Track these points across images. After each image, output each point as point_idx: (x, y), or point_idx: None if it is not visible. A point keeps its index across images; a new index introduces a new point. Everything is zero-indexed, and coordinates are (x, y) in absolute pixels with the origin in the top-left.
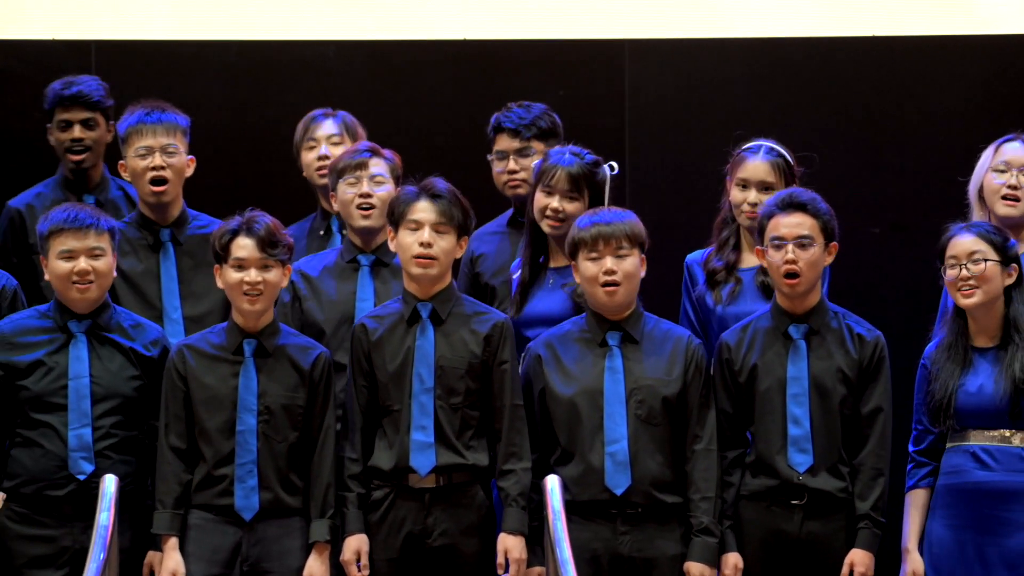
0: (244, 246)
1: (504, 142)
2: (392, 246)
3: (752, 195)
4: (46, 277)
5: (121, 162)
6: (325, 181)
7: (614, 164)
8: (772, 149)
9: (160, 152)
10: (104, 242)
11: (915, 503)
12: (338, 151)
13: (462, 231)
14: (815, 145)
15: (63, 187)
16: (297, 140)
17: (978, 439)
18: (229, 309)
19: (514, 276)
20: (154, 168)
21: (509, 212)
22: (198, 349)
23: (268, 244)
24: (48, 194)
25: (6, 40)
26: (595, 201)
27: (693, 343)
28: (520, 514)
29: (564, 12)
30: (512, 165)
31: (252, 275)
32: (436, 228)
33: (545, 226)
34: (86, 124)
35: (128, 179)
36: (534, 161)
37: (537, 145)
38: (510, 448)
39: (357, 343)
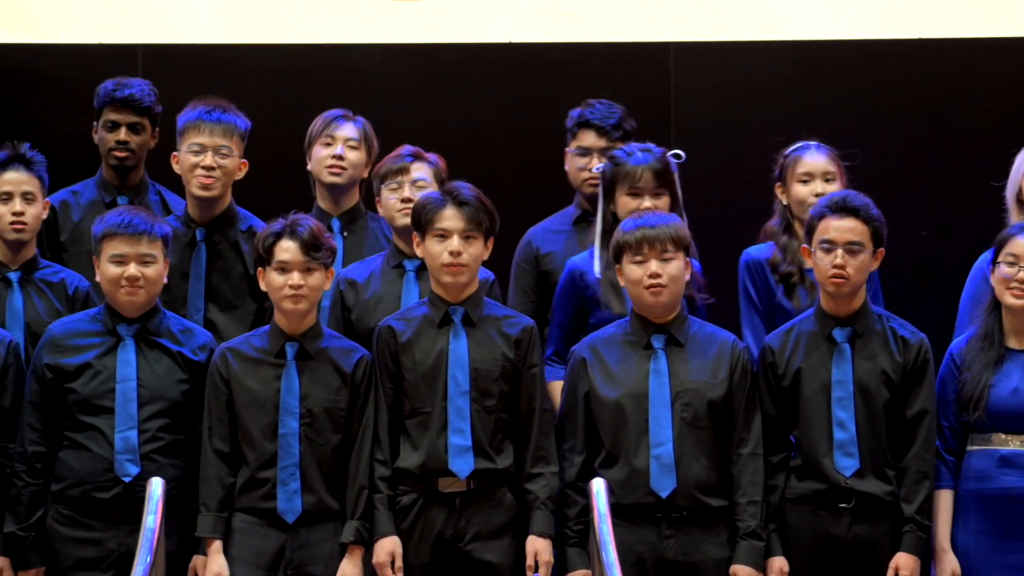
0: (287, 249)
1: (589, 139)
2: (419, 252)
3: (818, 186)
4: (97, 278)
5: (174, 153)
6: (333, 179)
7: (680, 152)
8: (821, 145)
9: (213, 152)
10: (156, 249)
11: (943, 503)
12: (352, 155)
13: (489, 235)
14: (860, 147)
15: (100, 187)
16: (312, 133)
17: (1008, 443)
18: (256, 313)
19: (595, 276)
20: (204, 167)
21: (571, 209)
22: (240, 352)
23: (311, 247)
24: (84, 192)
25: (54, 44)
26: (674, 194)
27: (738, 346)
28: (548, 517)
29: (609, 15)
30: (595, 163)
31: (295, 278)
32: (465, 235)
33: None
34: (133, 128)
35: (178, 171)
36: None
37: (619, 146)
38: (538, 452)
39: (384, 344)
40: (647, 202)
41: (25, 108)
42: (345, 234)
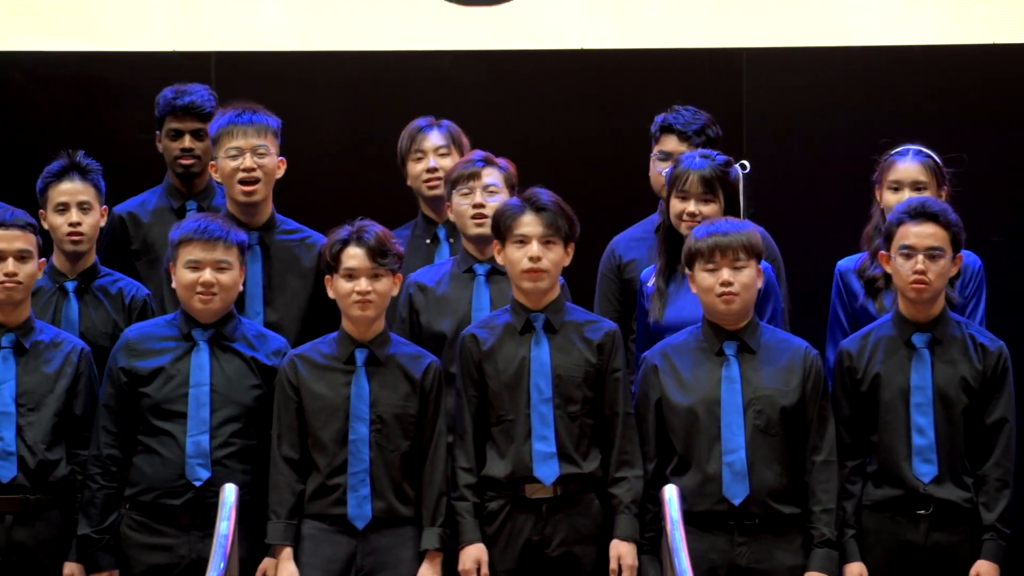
0: (354, 255)
1: (671, 143)
2: (499, 259)
3: (906, 195)
4: (173, 284)
5: (212, 163)
6: (433, 192)
7: (745, 163)
8: (920, 151)
9: (251, 153)
10: (232, 255)
11: None
12: (446, 162)
13: (568, 240)
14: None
15: (168, 194)
16: (403, 150)
17: None
18: (311, 317)
19: (648, 283)
20: (244, 169)
21: (654, 217)
22: (309, 359)
23: (378, 253)
24: (153, 201)
25: (127, 52)
26: (730, 202)
27: (811, 354)
28: (632, 521)
29: (681, 21)
30: None
31: (362, 284)
32: (543, 241)
33: (684, 230)
34: (196, 135)
35: (219, 180)
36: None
37: None
38: (623, 456)
39: (467, 353)
40: (692, 207)
41: (100, 117)
42: (451, 240)
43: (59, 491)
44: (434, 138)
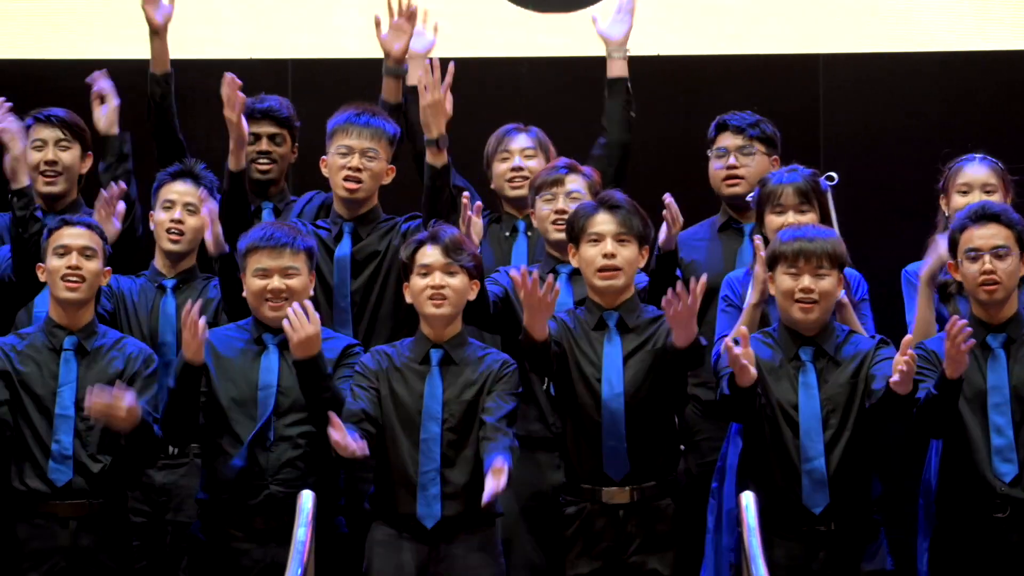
0: (429, 253)
1: (726, 139)
2: (574, 261)
3: (976, 198)
4: (244, 292)
5: (323, 157)
6: (516, 193)
7: (832, 175)
8: (986, 157)
9: (360, 154)
10: (299, 262)
11: None
12: (531, 164)
13: (643, 241)
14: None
15: None
16: (489, 152)
17: None
18: (391, 317)
19: (748, 299)
20: (350, 168)
21: (715, 219)
22: (388, 355)
23: (453, 250)
24: None
25: (205, 60)
26: (823, 212)
27: (877, 340)
28: None
29: (758, 28)
30: (732, 160)
31: (436, 279)
32: (617, 239)
33: None
34: (273, 139)
35: (326, 174)
36: (754, 159)
37: (759, 147)
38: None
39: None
40: (790, 218)
41: (179, 123)
42: (529, 234)
43: (118, 495)
44: (521, 140)
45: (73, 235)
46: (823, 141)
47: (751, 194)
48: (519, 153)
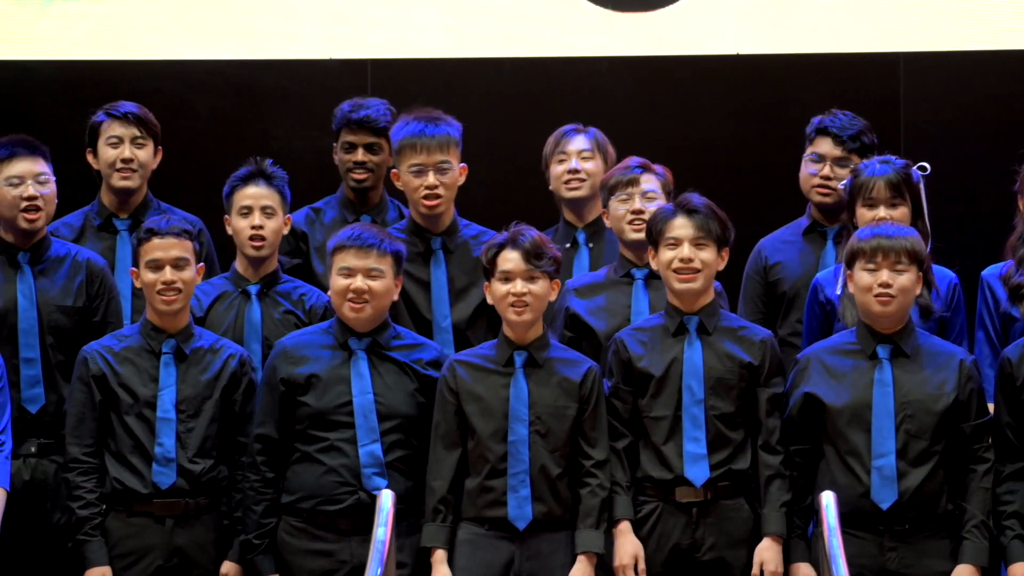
0: (510, 259)
1: (825, 146)
2: (654, 264)
3: None
4: (329, 292)
5: (394, 170)
6: (572, 195)
7: (925, 165)
8: None
9: (433, 170)
10: (385, 264)
11: None
12: (588, 166)
13: (722, 244)
14: None
15: (342, 205)
16: (547, 153)
17: None
18: (493, 316)
19: (835, 293)
20: (427, 187)
21: (802, 220)
22: (469, 362)
23: (533, 256)
24: (326, 210)
25: (283, 60)
26: (915, 205)
27: (967, 361)
28: (780, 518)
29: (837, 26)
30: (827, 171)
31: (518, 286)
32: (695, 243)
33: None
34: (370, 148)
35: (401, 187)
36: (849, 172)
37: (855, 159)
38: (771, 458)
39: (619, 355)
40: (882, 212)
41: (257, 124)
42: (591, 245)
43: (216, 495)
44: (578, 142)
45: (164, 247)
46: (903, 141)
47: (842, 183)
48: (576, 155)
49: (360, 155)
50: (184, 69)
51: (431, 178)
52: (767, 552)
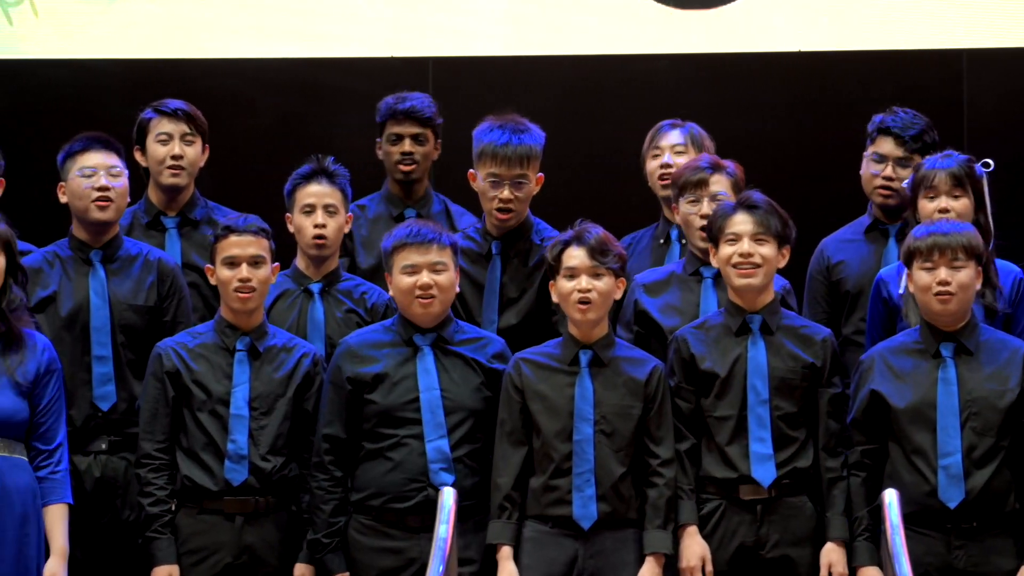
0: (575, 255)
1: (887, 146)
2: (715, 262)
3: None
4: (390, 292)
5: (471, 171)
6: (665, 192)
7: (988, 161)
8: None
9: (510, 184)
10: (446, 256)
11: None
12: (680, 160)
13: (783, 241)
14: None
15: (386, 201)
16: (644, 149)
17: None
18: (541, 322)
19: (897, 291)
20: (503, 200)
21: (864, 219)
22: (534, 361)
23: (599, 252)
24: (370, 206)
25: (344, 58)
26: (977, 199)
27: None
28: (842, 521)
29: (899, 22)
30: (889, 171)
31: (583, 283)
32: (755, 238)
33: None
34: (416, 139)
35: (476, 189)
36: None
37: (917, 159)
38: (834, 460)
39: (679, 354)
40: (943, 203)
41: (318, 122)
42: (683, 242)
43: (286, 493)
44: (672, 136)
45: (241, 244)
46: (967, 139)
47: (905, 181)
48: (669, 150)
49: (407, 146)
50: (245, 67)
51: (506, 192)
52: (834, 554)
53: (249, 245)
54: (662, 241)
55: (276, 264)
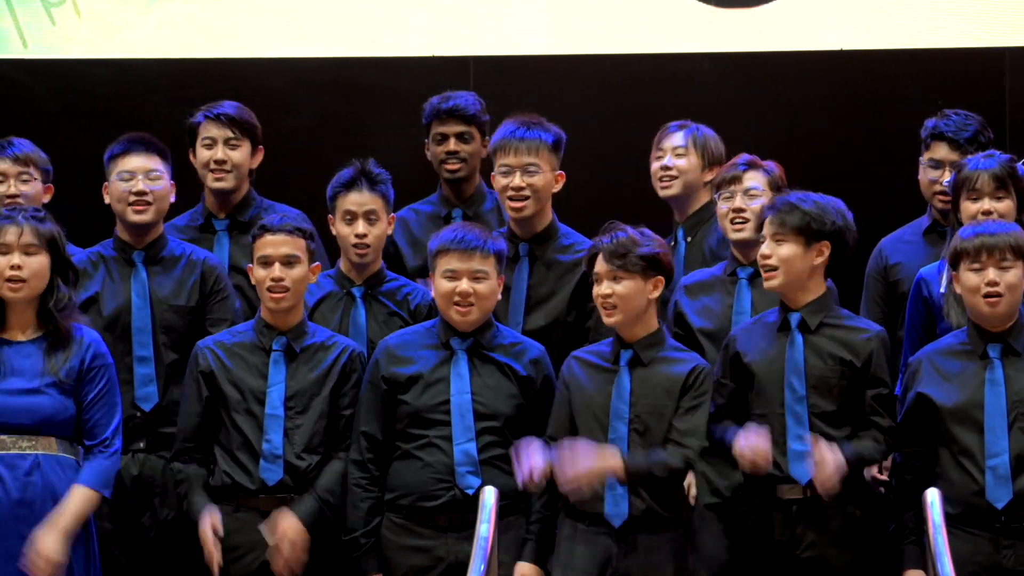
0: (597, 261)
1: (941, 151)
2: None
3: None
4: (432, 294)
5: (493, 174)
6: (665, 193)
7: None
8: None
9: (520, 172)
10: (488, 265)
11: None
12: (680, 163)
13: (812, 236)
14: None
15: (439, 201)
16: (652, 149)
17: None
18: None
19: (939, 290)
20: (513, 188)
21: (923, 220)
22: (584, 359)
23: (615, 256)
24: (422, 208)
25: (386, 57)
26: (1021, 199)
27: None
28: None
29: (941, 21)
30: (947, 177)
31: (603, 288)
32: (774, 238)
33: None
34: (461, 137)
35: (496, 189)
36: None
37: None
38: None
39: (725, 351)
40: (986, 204)
41: (360, 121)
42: (688, 239)
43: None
44: (674, 138)
45: (275, 243)
46: (1009, 139)
47: (947, 180)
48: (671, 151)
49: (452, 144)
50: (287, 66)
51: (517, 179)
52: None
53: (282, 244)
54: (672, 243)
55: (317, 264)
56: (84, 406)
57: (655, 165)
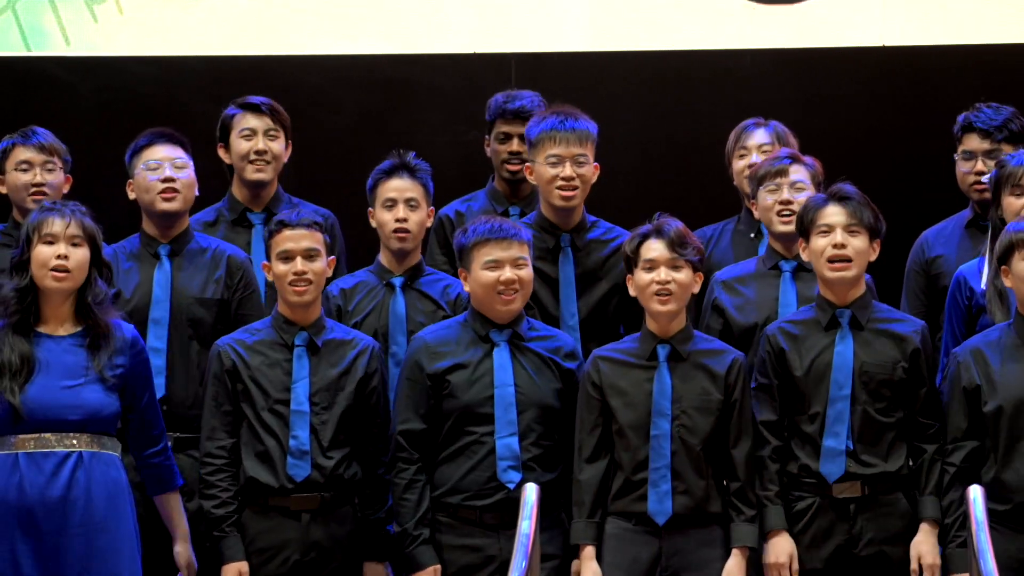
0: (654, 248)
1: (973, 142)
2: (805, 255)
3: None
4: (466, 288)
5: (527, 165)
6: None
7: None
8: None
9: (571, 162)
10: (525, 252)
11: None
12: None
13: (874, 234)
14: None
15: (491, 198)
16: (729, 148)
17: None
18: (613, 318)
19: (980, 287)
20: (564, 178)
21: (965, 213)
22: (611, 358)
23: (678, 244)
24: (474, 203)
25: (427, 54)
26: None
27: None
28: (934, 503)
29: (984, 16)
30: (980, 166)
31: (662, 274)
32: (848, 230)
33: None
34: (524, 138)
35: (534, 181)
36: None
37: (1007, 148)
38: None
39: (769, 349)
40: None
41: (400, 118)
42: None
43: (350, 488)
44: (758, 136)
45: (295, 238)
46: None
47: (987, 175)
48: (756, 149)
49: (515, 145)
50: (328, 63)
51: (568, 169)
52: (923, 545)
53: (303, 239)
54: (752, 235)
55: (332, 258)
56: (140, 406)
57: (740, 164)
